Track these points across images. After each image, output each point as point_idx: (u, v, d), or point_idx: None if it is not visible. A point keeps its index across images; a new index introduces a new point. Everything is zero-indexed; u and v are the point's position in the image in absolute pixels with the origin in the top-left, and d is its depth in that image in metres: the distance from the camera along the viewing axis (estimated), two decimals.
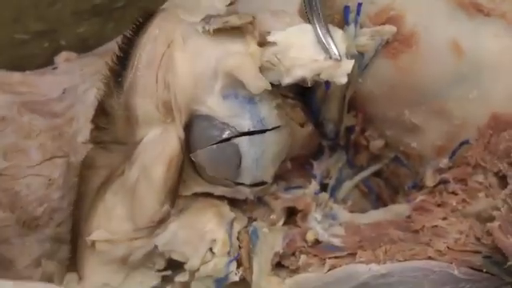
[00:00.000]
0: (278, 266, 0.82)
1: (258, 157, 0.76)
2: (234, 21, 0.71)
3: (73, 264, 0.81)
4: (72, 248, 0.81)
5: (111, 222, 0.77)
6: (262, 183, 0.80)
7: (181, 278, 0.79)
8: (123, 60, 0.77)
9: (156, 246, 0.77)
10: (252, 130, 0.75)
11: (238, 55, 0.72)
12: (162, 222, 0.76)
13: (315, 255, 0.80)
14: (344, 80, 0.71)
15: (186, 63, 0.73)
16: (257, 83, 0.71)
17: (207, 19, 0.73)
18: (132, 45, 0.76)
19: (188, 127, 0.75)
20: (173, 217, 0.78)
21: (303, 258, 0.80)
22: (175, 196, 0.77)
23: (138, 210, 0.75)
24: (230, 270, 0.79)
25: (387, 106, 0.81)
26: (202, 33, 0.73)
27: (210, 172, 0.77)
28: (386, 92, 0.79)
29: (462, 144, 0.80)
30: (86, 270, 0.78)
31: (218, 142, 0.75)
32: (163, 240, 0.77)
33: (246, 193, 0.80)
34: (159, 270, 0.80)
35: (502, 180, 0.78)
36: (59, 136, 0.81)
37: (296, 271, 0.80)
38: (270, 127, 0.76)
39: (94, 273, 0.78)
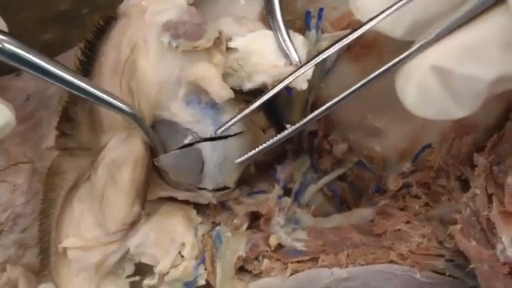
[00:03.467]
0: (242, 270, 0.82)
1: (221, 162, 0.76)
2: (204, 44, 0.71)
3: (44, 271, 0.81)
4: (44, 256, 0.81)
5: (80, 229, 0.77)
6: (225, 188, 0.80)
7: (149, 281, 0.79)
8: (86, 65, 0.77)
9: (128, 250, 0.78)
10: (214, 136, 0.75)
11: (202, 64, 0.72)
12: (133, 224, 0.76)
13: (278, 259, 0.80)
14: (304, 86, 0.72)
15: (149, 70, 0.73)
16: (221, 93, 0.72)
17: (173, 32, 0.72)
18: (94, 49, 0.77)
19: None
20: (143, 219, 0.78)
21: (266, 262, 0.80)
22: (144, 198, 0.76)
23: (108, 215, 0.75)
24: (199, 273, 0.80)
25: (350, 110, 0.81)
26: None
27: (173, 177, 0.77)
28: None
29: (424, 148, 0.80)
30: (61, 279, 0.79)
31: (181, 148, 0.75)
32: (135, 242, 0.78)
33: (208, 197, 0.80)
34: (128, 276, 0.80)
35: (465, 184, 0.79)
36: (23, 142, 0.81)
37: (259, 275, 0.80)
38: (232, 133, 0.76)
39: (67, 282, 0.78)
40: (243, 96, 0.76)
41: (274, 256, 0.81)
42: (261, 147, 0.69)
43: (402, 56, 0.59)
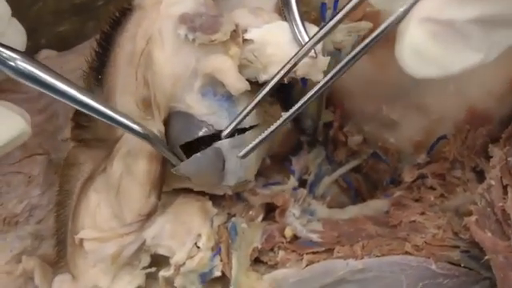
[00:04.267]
0: (257, 261, 0.82)
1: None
2: (221, 38, 0.71)
3: (61, 262, 0.81)
4: (61, 247, 0.81)
5: (96, 220, 0.78)
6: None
7: (165, 272, 0.80)
8: (102, 56, 0.77)
9: (144, 241, 0.78)
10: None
11: (219, 56, 0.72)
12: (150, 215, 0.77)
13: (293, 251, 0.80)
14: (320, 77, 0.72)
15: (165, 62, 0.73)
16: (237, 85, 0.71)
17: (190, 25, 0.71)
18: (110, 41, 0.77)
19: (166, 123, 0.75)
20: (159, 211, 0.78)
21: (281, 253, 0.80)
22: (160, 189, 0.77)
23: (124, 206, 0.76)
24: (215, 264, 0.80)
25: (365, 101, 0.81)
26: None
27: (195, 181, 0.78)
28: (364, 88, 0.79)
29: (439, 139, 0.80)
30: (78, 270, 0.79)
31: (197, 141, 0.75)
32: (151, 233, 0.78)
33: (224, 188, 0.81)
34: (144, 268, 0.80)
35: (480, 175, 0.79)
36: (39, 133, 0.81)
37: (274, 267, 0.81)
38: (247, 126, 0.75)
39: (84, 274, 0.79)
40: (259, 88, 0.76)
41: (289, 247, 0.81)
42: (259, 138, 0.70)
43: (391, 18, 0.60)
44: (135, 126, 0.70)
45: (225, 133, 0.74)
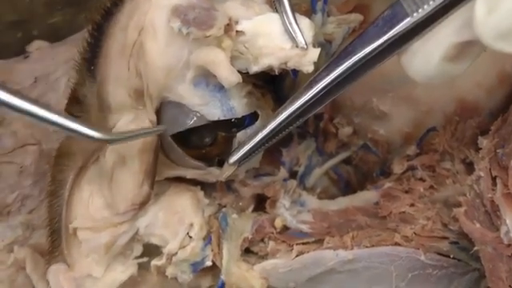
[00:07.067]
0: (247, 251, 0.83)
1: None
2: (216, 33, 0.70)
3: (55, 251, 0.81)
4: (55, 237, 0.81)
5: (89, 210, 0.78)
6: None
7: (157, 261, 0.80)
8: (94, 47, 0.77)
9: (137, 230, 0.78)
10: (222, 118, 0.75)
11: (211, 49, 0.72)
12: (143, 204, 0.77)
13: (283, 241, 0.81)
14: (310, 68, 0.72)
15: (157, 53, 0.73)
16: (230, 78, 0.71)
17: (183, 18, 0.70)
18: (102, 32, 0.77)
19: (158, 112, 0.76)
20: (151, 200, 0.78)
21: (272, 244, 0.81)
22: (153, 178, 0.77)
23: (117, 195, 0.76)
24: (206, 253, 0.81)
25: (355, 93, 0.81)
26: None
27: None
28: None
29: (429, 131, 0.81)
30: (72, 259, 0.79)
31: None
32: (144, 222, 0.78)
33: (216, 174, 0.80)
34: (136, 257, 0.81)
35: (469, 166, 0.79)
36: (31, 124, 0.81)
37: (264, 257, 0.81)
38: (239, 116, 0.76)
39: (78, 263, 0.79)
40: (250, 78, 0.76)
41: (279, 238, 0.81)
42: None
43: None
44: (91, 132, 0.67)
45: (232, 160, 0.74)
